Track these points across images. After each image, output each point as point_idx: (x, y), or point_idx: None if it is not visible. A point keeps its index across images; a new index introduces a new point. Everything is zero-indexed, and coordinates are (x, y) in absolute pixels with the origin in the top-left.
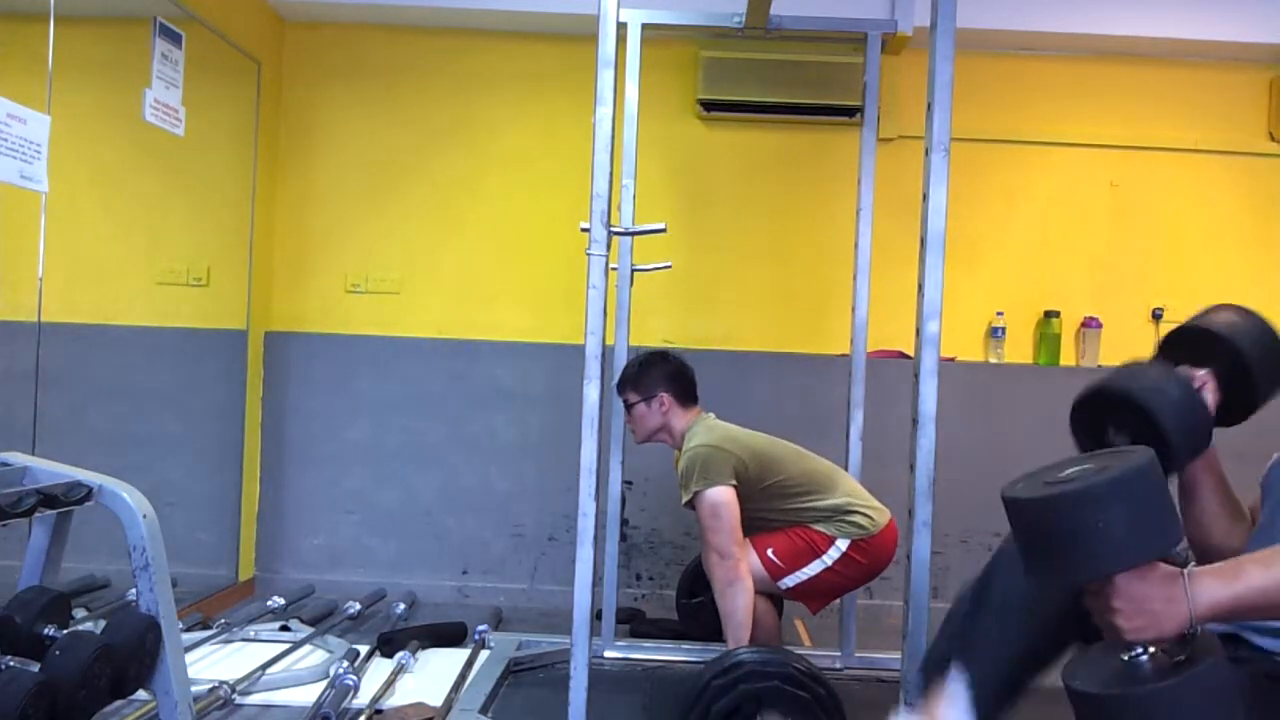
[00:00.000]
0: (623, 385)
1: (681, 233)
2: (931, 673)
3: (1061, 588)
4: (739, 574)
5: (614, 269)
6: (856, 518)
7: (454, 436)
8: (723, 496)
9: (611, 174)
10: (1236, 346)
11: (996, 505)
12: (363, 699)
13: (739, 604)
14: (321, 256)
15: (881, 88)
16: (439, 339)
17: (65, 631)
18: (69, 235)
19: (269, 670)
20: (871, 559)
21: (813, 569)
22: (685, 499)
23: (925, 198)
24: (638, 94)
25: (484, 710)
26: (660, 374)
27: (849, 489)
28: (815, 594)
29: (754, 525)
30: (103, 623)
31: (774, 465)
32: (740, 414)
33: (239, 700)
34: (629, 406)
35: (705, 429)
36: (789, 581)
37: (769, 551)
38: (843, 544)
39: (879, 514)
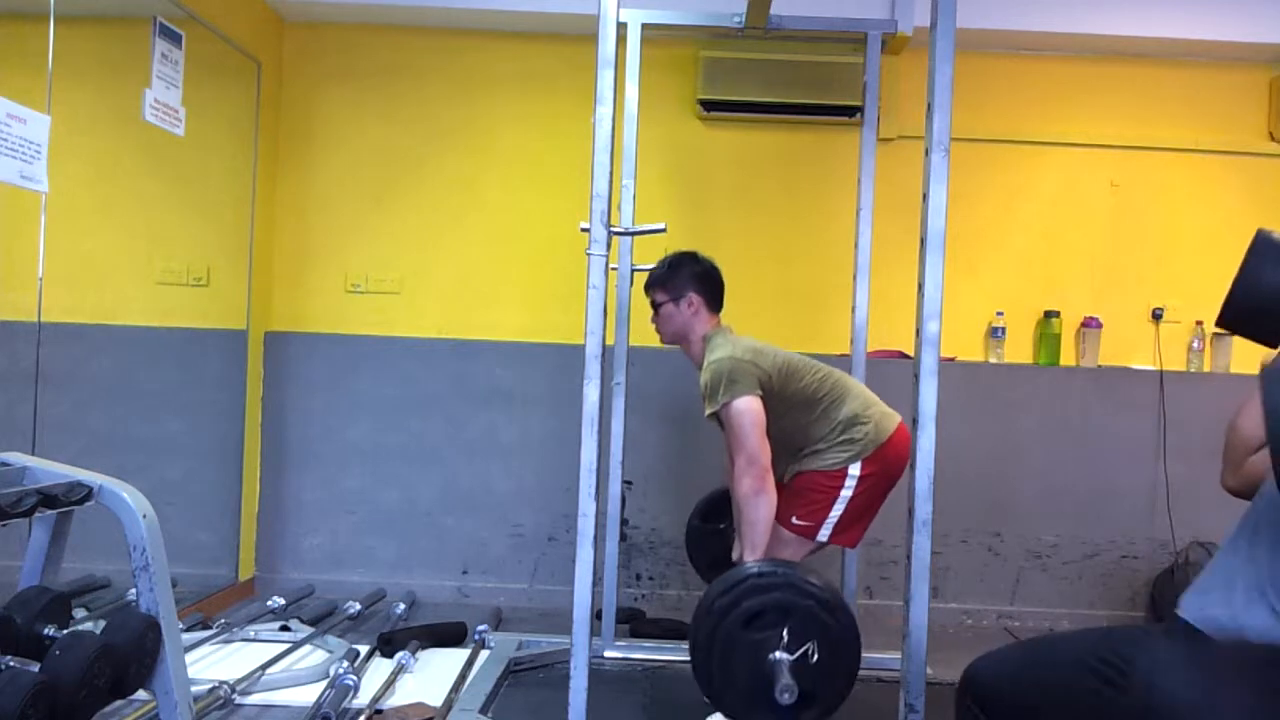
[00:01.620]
0: (651, 284)
1: (681, 233)
2: None
3: None
4: (765, 484)
5: (614, 269)
6: (864, 430)
7: (454, 436)
8: (751, 405)
9: (611, 174)
10: None
11: (996, 505)
12: (363, 699)
13: (761, 514)
14: (321, 256)
15: (881, 88)
16: (439, 339)
17: (65, 631)
18: (69, 235)
19: (269, 670)
20: (886, 465)
21: (838, 509)
22: (710, 410)
23: (925, 198)
24: (638, 94)
25: (484, 710)
26: (690, 274)
27: (860, 392)
28: (850, 527)
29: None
30: (103, 623)
31: (793, 375)
32: None
33: (239, 700)
34: (657, 306)
35: (728, 341)
36: (824, 533)
37: (793, 519)
38: (855, 469)
39: (886, 419)
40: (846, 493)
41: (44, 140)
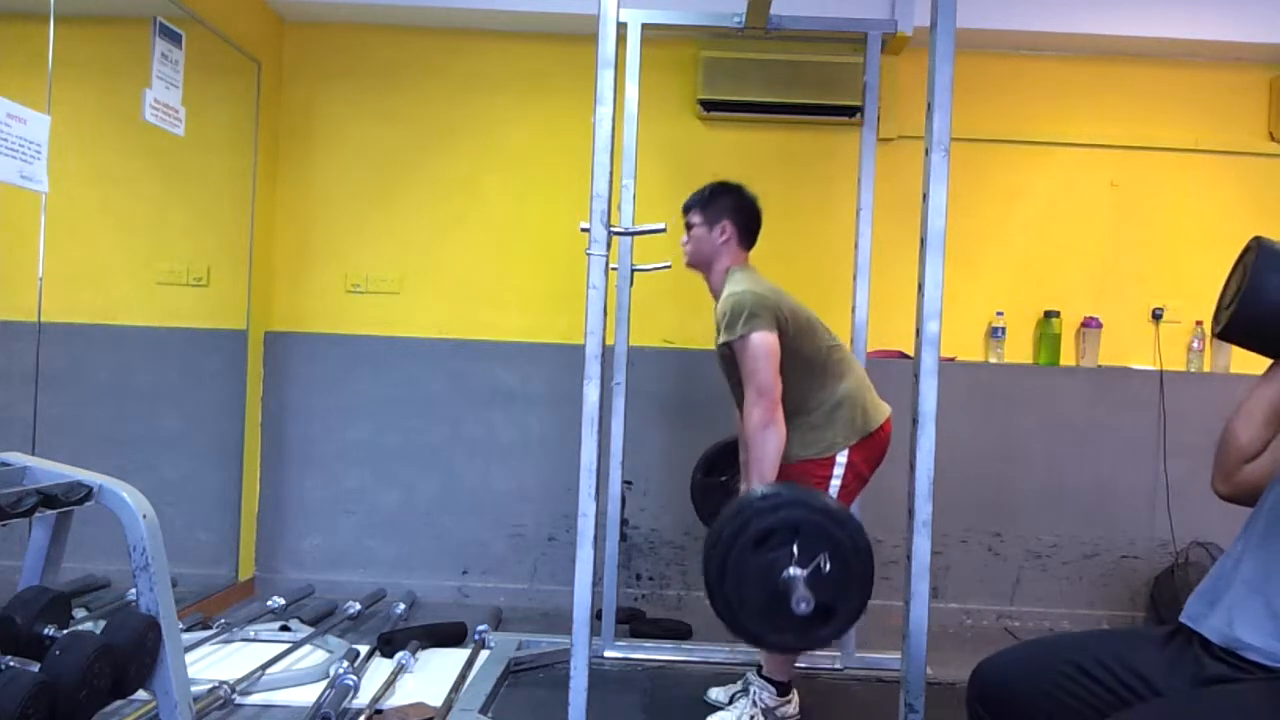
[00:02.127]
0: (690, 206)
1: (681, 233)
2: None
3: None
4: (775, 417)
5: (614, 269)
6: (855, 414)
7: (454, 436)
8: (768, 340)
9: (611, 174)
10: None
11: (996, 505)
12: (363, 699)
13: (770, 448)
14: (321, 256)
15: (881, 88)
16: (439, 339)
17: (65, 631)
18: (69, 235)
19: (269, 670)
20: (872, 450)
21: (830, 495)
22: (725, 339)
23: (925, 198)
24: (638, 94)
25: (484, 710)
26: (731, 203)
27: (860, 375)
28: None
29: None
30: (103, 623)
31: (808, 331)
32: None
33: (239, 700)
34: (689, 227)
35: (751, 278)
36: None
37: None
38: (842, 457)
39: (878, 410)
40: (836, 481)
41: (44, 140)
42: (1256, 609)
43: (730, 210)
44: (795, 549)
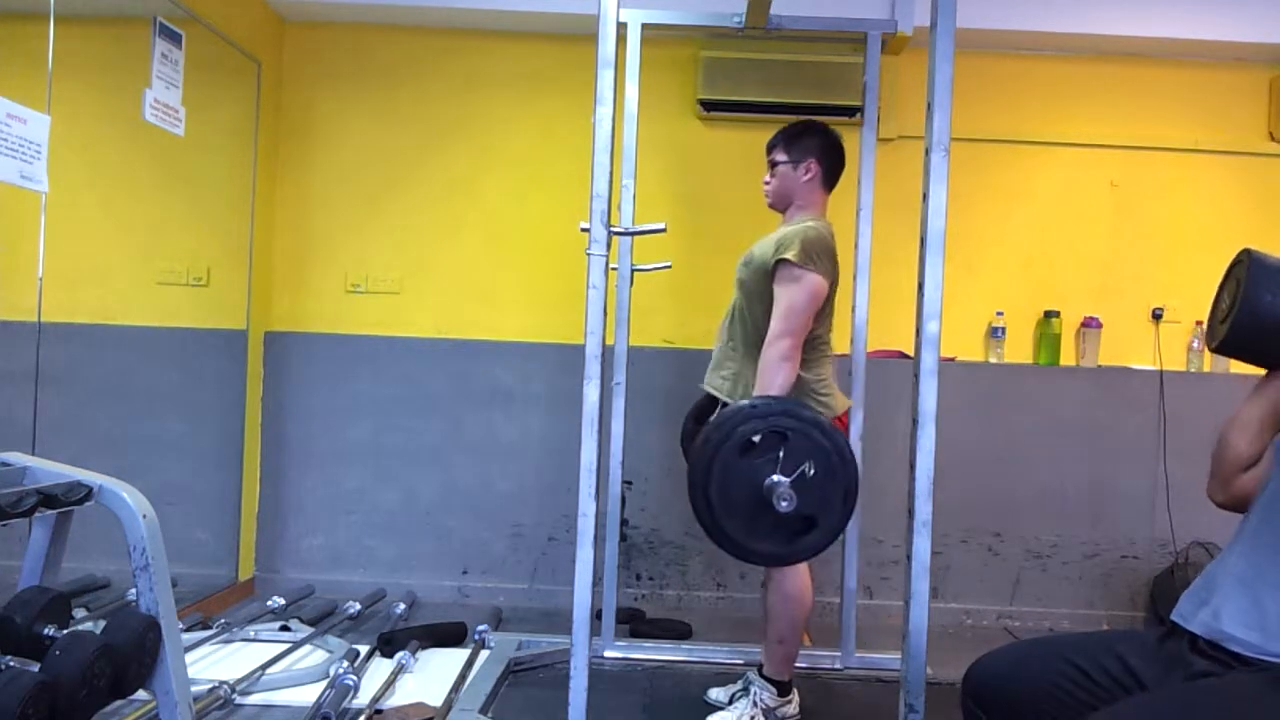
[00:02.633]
0: (774, 144)
1: (681, 233)
2: None
3: None
4: (796, 357)
5: (614, 269)
6: (814, 402)
7: (454, 436)
8: (819, 285)
9: (611, 174)
10: None
11: (996, 505)
12: (363, 699)
13: (781, 376)
14: (321, 256)
15: (881, 88)
16: (439, 339)
17: (65, 631)
18: (69, 235)
19: (269, 670)
20: None
21: None
22: (782, 256)
23: (925, 198)
24: (638, 94)
25: (484, 710)
26: (817, 142)
27: (827, 368)
28: None
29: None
30: (103, 623)
31: (828, 305)
32: None
33: (239, 700)
34: (774, 165)
35: (827, 227)
36: None
37: None
38: None
39: (837, 401)
40: None
41: (44, 140)
42: (1243, 604)
43: (816, 149)
44: (781, 455)
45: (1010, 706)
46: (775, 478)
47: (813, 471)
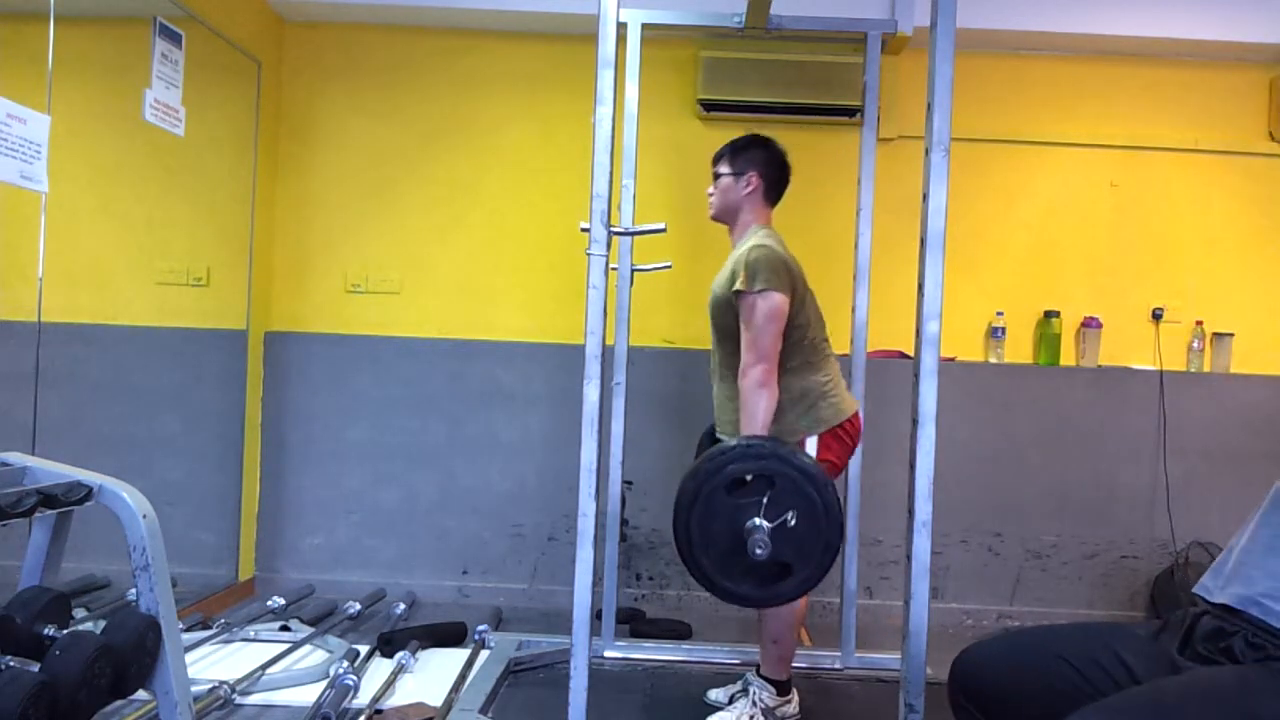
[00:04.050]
0: (719, 156)
1: (681, 233)
2: None
3: None
4: (772, 380)
5: (614, 269)
6: (825, 405)
7: (454, 436)
8: (779, 302)
9: (611, 174)
10: None
11: (996, 505)
12: (363, 699)
13: (763, 406)
14: (321, 256)
15: (881, 88)
16: (439, 339)
17: (65, 631)
18: (69, 235)
19: (269, 670)
20: (840, 442)
21: None
22: (738, 288)
23: (925, 198)
24: (638, 94)
25: (484, 710)
26: (759, 155)
27: (835, 372)
28: None
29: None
30: (103, 623)
31: (806, 308)
32: None
33: (239, 700)
34: (717, 177)
35: (775, 240)
36: None
37: None
38: (811, 443)
39: (848, 403)
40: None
41: (44, 140)
42: (1268, 570)
43: (758, 162)
44: (766, 500)
45: (999, 698)
46: (756, 521)
47: (794, 521)
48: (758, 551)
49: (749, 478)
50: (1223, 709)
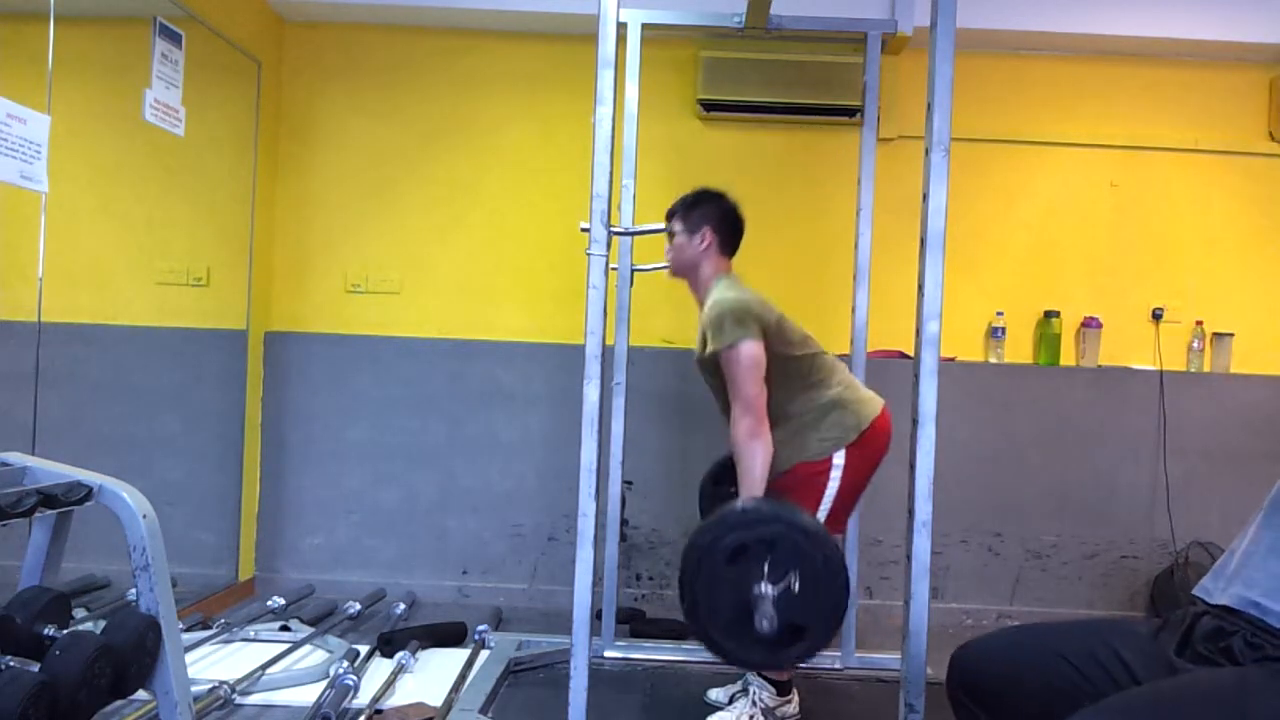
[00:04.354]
0: (671, 213)
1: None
2: None
3: None
4: (761, 429)
5: (614, 269)
6: (845, 417)
7: (454, 436)
8: (753, 349)
9: (611, 174)
10: None
11: (996, 505)
12: (363, 699)
13: (758, 460)
14: (321, 256)
15: (881, 88)
16: (439, 339)
17: (65, 631)
18: (69, 235)
19: (269, 670)
20: (869, 450)
21: (828, 499)
22: (710, 350)
23: (925, 198)
24: (638, 94)
25: (484, 710)
26: (712, 211)
27: (843, 378)
28: (842, 513)
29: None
30: (103, 623)
31: (789, 337)
32: None
33: (239, 700)
34: (671, 235)
35: (733, 286)
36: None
37: None
38: (839, 457)
39: (869, 405)
40: (834, 484)
41: (44, 140)
42: (1270, 570)
43: (711, 218)
44: (767, 566)
45: (997, 693)
46: (761, 588)
47: (798, 585)
48: (764, 624)
49: (747, 546)
50: (1221, 710)
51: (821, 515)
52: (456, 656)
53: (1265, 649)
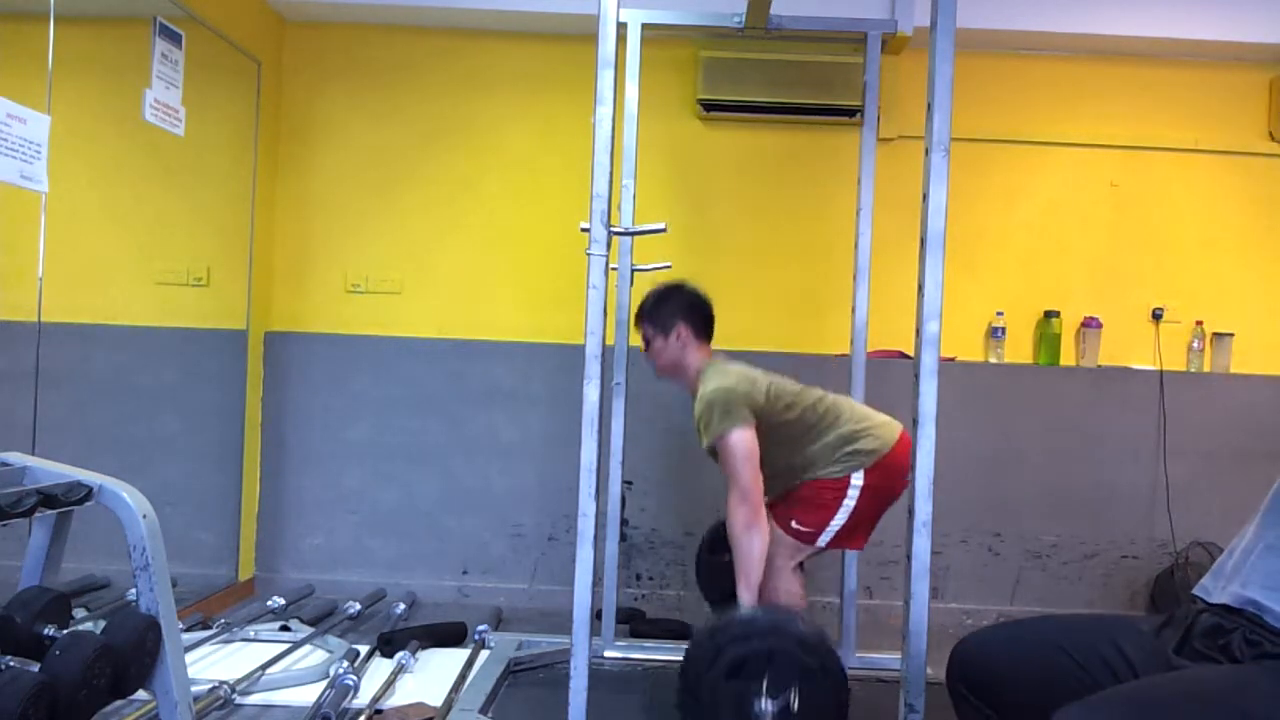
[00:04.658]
0: (640, 318)
1: (681, 233)
2: None
3: None
4: (758, 519)
5: (614, 269)
6: (864, 443)
7: (454, 436)
8: (744, 438)
9: (611, 174)
10: None
11: (996, 505)
12: (363, 699)
13: (755, 548)
14: (321, 256)
15: (881, 88)
16: (439, 339)
17: (65, 631)
18: (69, 235)
19: (269, 670)
20: (890, 478)
21: (840, 517)
22: (705, 443)
23: (925, 198)
24: (638, 94)
25: (484, 710)
26: (677, 305)
27: (853, 414)
28: (853, 535)
29: (770, 469)
30: (103, 623)
31: (785, 400)
32: None
33: (239, 700)
34: (647, 341)
35: (719, 373)
36: (824, 539)
37: (793, 523)
38: (857, 479)
39: (887, 430)
40: (850, 501)
41: (44, 140)
42: (1268, 568)
43: (679, 311)
44: (766, 682)
45: (997, 686)
46: (760, 706)
47: (798, 702)
48: None
49: (745, 659)
50: (1216, 707)
51: (831, 530)
52: (456, 656)
53: (1263, 646)
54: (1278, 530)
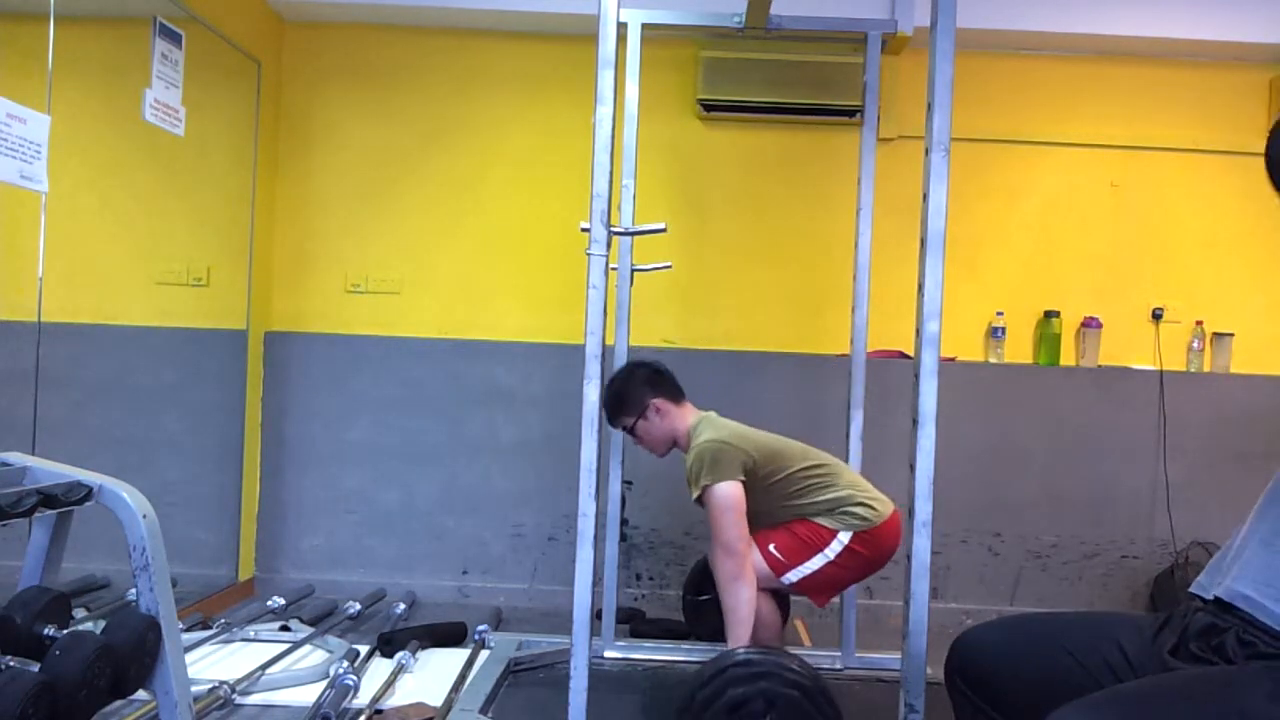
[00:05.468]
0: (613, 418)
1: (681, 233)
2: None
3: None
4: (744, 570)
5: (614, 269)
6: (859, 509)
7: (454, 436)
8: (731, 492)
9: (611, 174)
10: None
11: (996, 505)
12: (363, 699)
13: (742, 600)
14: (321, 256)
15: (881, 88)
16: (439, 339)
17: (65, 631)
18: (69, 235)
19: (269, 670)
20: (874, 551)
21: (815, 563)
22: (695, 494)
23: (925, 198)
24: (638, 94)
25: (484, 710)
26: (639, 386)
27: (851, 481)
28: (820, 588)
29: (759, 520)
30: (103, 623)
31: (779, 460)
32: (741, 414)
33: (239, 700)
34: (631, 431)
35: (712, 426)
36: (792, 577)
37: (771, 547)
38: (845, 536)
39: (882, 505)
40: (830, 553)
41: (44, 140)
42: (1261, 563)
43: (646, 390)
44: None
45: (996, 683)
46: None
47: None
48: None
49: (744, 700)
50: (1210, 707)
51: (800, 571)
52: (456, 656)
53: (1257, 646)
54: (1271, 525)
